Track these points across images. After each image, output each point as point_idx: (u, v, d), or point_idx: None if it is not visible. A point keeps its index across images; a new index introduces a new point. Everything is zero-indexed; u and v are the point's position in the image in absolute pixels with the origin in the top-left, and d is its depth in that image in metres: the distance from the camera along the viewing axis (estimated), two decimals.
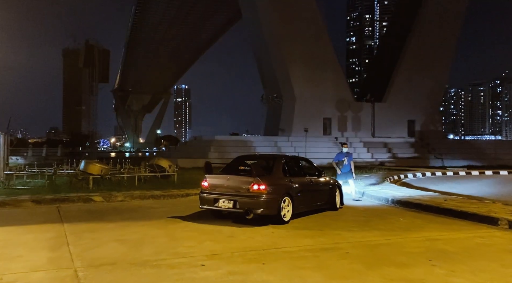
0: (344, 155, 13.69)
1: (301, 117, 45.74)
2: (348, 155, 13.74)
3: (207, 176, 9.73)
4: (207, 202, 9.54)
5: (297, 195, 9.76)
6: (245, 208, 8.92)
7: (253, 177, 9.02)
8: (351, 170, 13.68)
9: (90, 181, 15.20)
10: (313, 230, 8.63)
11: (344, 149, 13.90)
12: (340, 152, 13.96)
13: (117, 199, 13.11)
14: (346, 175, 13.55)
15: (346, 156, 13.65)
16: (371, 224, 9.46)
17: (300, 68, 45.23)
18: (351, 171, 13.72)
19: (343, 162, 13.60)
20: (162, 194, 13.88)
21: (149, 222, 9.48)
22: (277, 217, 9.13)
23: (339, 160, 13.68)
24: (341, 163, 13.57)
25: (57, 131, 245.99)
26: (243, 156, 10.75)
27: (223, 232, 8.36)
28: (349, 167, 13.63)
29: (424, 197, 12.90)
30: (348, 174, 13.61)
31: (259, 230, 8.57)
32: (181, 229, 8.76)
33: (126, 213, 10.81)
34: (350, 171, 13.70)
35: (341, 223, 9.57)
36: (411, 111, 49.44)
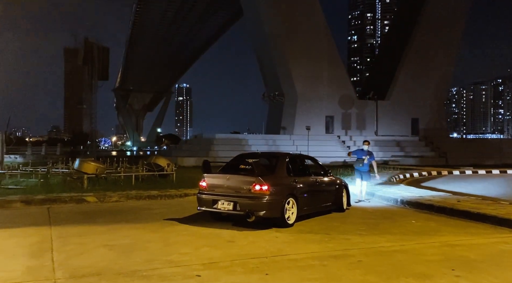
0: (365, 153, 12.81)
1: (303, 115, 45.07)
2: (369, 154, 12.86)
3: (205, 175, 9.08)
4: (205, 203, 8.89)
5: (302, 196, 9.11)
6: (246, 210, 8.26)
7: (255, 176, 8.36)
8: (369, 171, 12.85)
9: (84, 181, 14.55)
10: (320, 234, 7.97)
11: (364, 146, 13.02)
12: (361, 149, 13.10)
13: (111, 199, 12.47)
14: (363, 174, 12.72)
15: (367, 155, 12.78)
16: (381, 227, 8.80)
17: (302, 66, 44.52)
18: (369, 172, 12.87)
19: (363, 161, 12.70)
20: (159, 194, 13.23)
21: (143, 225, 8.84)
22: (281, 219, 8.49)
23: (359, 157, 12.82)
24: (361, 161, 12.69)
25: (58, 130, 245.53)
26: (244, 154, 10.08)
27: (222, 237, 7.71)
28: (367, 168, 12.76)
29: (435, 198, 12.24)
30: (366, 174, 12.74)
31: (262, 234, 7.91)
32: (177, 232, 8.11)
33: (119, 215, 10.17)
34: (369, 172, 12.85)
35: (349, 226, 8.91)
36: (415, 109, 48.69)
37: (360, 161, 12.73)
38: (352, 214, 10.50)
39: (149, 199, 12.87)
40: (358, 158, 12.81)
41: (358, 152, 13.06)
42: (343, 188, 10.84)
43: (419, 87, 48.52)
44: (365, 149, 12.96)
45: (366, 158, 12.68)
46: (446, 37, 48.83)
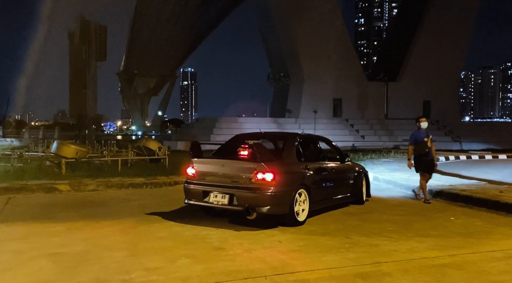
0: (424, 134, 9.25)
1: (309, 98, 43.08)
2: (430, 133, 9.46)
3: (194, 160, 7.20)
4: (194, 195, 7.04)
5: (315, 187, 7.25)
6: (246, 205, 6.41)
7: (257, 162, 6.48)
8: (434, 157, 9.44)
9: (62, 166, 12.74)
10: (337, 238, 6.10)
11: (422, 123, 9.34)
12: (418, 129, 9.43)
13: (87, 188, 10.65)
14: (428, 164, 9.26)
15: (427, 135, 9.28)
16: (415, 226, 6.92)
17: (309, 46, 42.30)
18: (433, 159, 9.42)
19: (427, 144, 9.14)
20: (145, 182, 11.41)
21: (113, 222, 7.02)
22: (289, 216, 6.65)
23: (417, 141, 9.26)
24: (425, 145, 9.12)
25: (64, 114, 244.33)
26: (244, 135, 8.17)
27: (210, 241, 5.86)
28: (432, 152, 9.35)
29: (470, 187, 10.34)
30: (431, 164, 9.28)
31: (262, 238, 6.05)
32: (153, 234, 6.28)
33: (90, 208, 8.37)
34: (433, 159, 9.40)
35: (373, 224, 7.03)
36: (427, 91, 46.48)
37: (423, 146, 9.14)
38: (373, 208, 8.62)
39: (133, 187, 11.06)
40: (418, 142, 9.25)
41: (416, 135, 9.38)
42: (363, 176, 8.95)
43: (431, 68, 46.23)
44: (424, 127, 9.32)
45: (429, 140, 9.20)
46: (459, 17, 46.29)
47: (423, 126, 9.36)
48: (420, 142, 9.20)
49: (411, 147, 9.38)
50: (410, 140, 9.44)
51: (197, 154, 7.21)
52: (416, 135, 9.35)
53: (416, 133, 9.43)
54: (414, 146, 9.30)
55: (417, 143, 9.25)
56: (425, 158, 9.21)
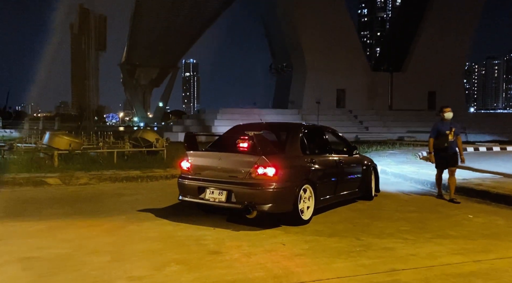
0: (447, 125, 8.26)
1: (312, 89, 42.33)
2: (453, 125, 8.31)
3: (188, 153, 6.59)
4: (189, 191, 6.44)
5: (322, 182, 6.63)
6: (245, 202, 5.80)
7: (257, 155, 5.86)
8: (458, 151, 8.37)
9: (54, 158, 12.16)
10: (347, 239, 5.50)
11: (447, 114, 8.33)
12: (440, 120, 8.46)
13: (79, 181, 10.08)
14: (450, 158, 8.28)
15: (450, 127, 8.24)
16: (431, 225, 6.31)
17: (312, 35, 41.47)
18: (457, 153, 8.37)
19: (448, 138, 8.19)
20: (141, 175, 10.83)
21: (101, 221, 6.44)
22: (293, 215, 6.04)
23: (439, 134, 8.27)
24: (445, 139, 8.15)
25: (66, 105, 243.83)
26: (244, 125, 7.52)
27: (204, 243, 5.27)
28: (455, 147, 8.35)
29: (485, 181, 9.71)
30: (453, 158, 8.28)
31: (263, 240, 5.45)
32: (142, 234, 5.69)
33: (79, 204, 7.78)
34: (457, 154, 8.36)
35: (385, 223, 6.42)
36: (432, 82, 45.66)
37: (442, 140, 8.20)
38: (383, 204, 8.01)
39: (127, 181, 10.48)
40: (439, 135, 8.31)
41: (438, 126, 8.39)
42: (372, 170, 8.33)
43: (436, 58, 45.39)
44: (448, 118, 8.34)
45: (452, 133, 8.19)
46: (465, 7, 45.34)
47: (447, 117, 8.33)
48: (442, 135, 8.23)
49: (431, 140, 8.42)
50: (431, 132, 8.48)
51: (192, 147, 6.60)
52: (439, 127, 8.36)
53: (439, 124, 8.44)
54: (434, 139, 8.37)
55: (438, 135, 8.29)
56: (444, 153, 8.23)
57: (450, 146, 8.22)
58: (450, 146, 8.22)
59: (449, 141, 8.18)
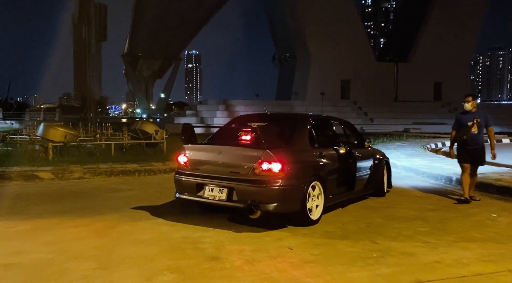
0: (469, 116, 7.27)
1: (316, 79, 41.68)
2: (479, 116, 7.26)
3: (186, 147, 6.03)
4: (187, 188, 5.89)
5: (331, 178, 6.08)
6: (248, 201, 5.25)
7: (261, 149, 5.30)
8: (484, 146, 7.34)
9: (49, 150, 11.65)
10: (361, 242, 4.95)
11: (466, 105, 7.33)
12: (463, 113, 7.50)
13: (73, 176, 9.56)
14: (474, 153, 7.30)
15: (474, 118, 7.22)
16: (452, 226, 5.75)
17: (317, 24, 40.69)
18: (484, 147, 7.33)
19: (468, 130, 7.21)
20: (138, 168, 10.30)
21: (92, 219, 5.92)
22: (301, 215, 5.50)
23: (460, 126, 7.35)
24: (465, 131, 7.21)
25: (69, 97, 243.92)
26: (246, 116, 6.96)
27: (203, 246, 4.73)
28: (481, 140, 7.29)
29: (504, 176, 9.16)
30: (479, 153, 7.30)
31: (267, 243, 4.91)
32: (135, 236, 5.16)
33: (70, 200, 7.27)
34: (483, 149, 7.34)
35: (401, 223, 5.86)
36: (438, 72, 44.90)
37: (463, 132, 7.24)
38: (396, 201, 7.45)
39: (124, 175, 9.96)
40: (460, 127, 7.37)
41: (459, 117, 7.49)
42: (384, 164, 7.77)
43: (443, 48, 44.57)
44: (468, 108, 7.33)
45: (476, 125, 7.18)
46: None
47: (466, 107, 7.36)
48: (463, 126, 7.30)
49: (453, 133, 7.52)
50: (454, 123, 7.59)
51: (190, 139, 6.04)
52: (459, 118, 7.51)
53: (460, 115, 7.57)
54: (456, 131, 7.46)
55: (460, 127, 7.39)
56: (468, 146, 7.29)
57: (473, 139, 7.21)
58: (473, 140, 7.21)
59: (471, 134, 7.18)
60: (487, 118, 7.36)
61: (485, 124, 7.31)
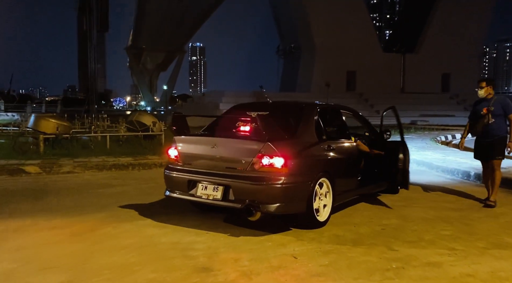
0: (484, 105, 6.26)
1: (321, 71, 40.84)
2: (494, 103, 6.18)
3: (177, 139, 5.36)
4: (178, 186, 5.23)
5: (341, 174, 5.41)
6: (246, 201, 4.58)
7: (262, 141, 4.62)
8: (507, 137, 6.14)
9: (40, 143, 11.02)
10: (377, 249, 4.28)
11: (479, 91, 6.33)
12: (477, 100, 6.56)
13: (62, 170, 8.93)
14: (490, 147, 6.24)
15: (491, 106, 6.15)
16: (478, 228, 5.06)
17: (322, 14, 39.80)
18: (504, 139, 6.16)
19: (482, 120, 6.22)
20: (132, 162, 9.66)
21: (72, 220, 5.29)
22: (307, 216, 4.84)
23: (475, 115, 6.39)
24: (479, 121, 6.25)
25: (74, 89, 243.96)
26: (246, 105, 6.26)
27: (193, 254, 4.08)
28: (500, 132, 6.18)
29: None
30: (496, 147, 6.20)
31: (268, 250, 4.25)
32: (117, 241, 4.52)
33: (53, 197, 6.64)
34: (503, 141, 6.17)
35: (420, 225, 5.19)
36: (446, 63, 43.94)
37: (477, 122, 6.31)
38: (412, 198, 6.76)
39: (117, 169, 9.33)
40: (474, 116, 6.43)
41: (474, 105, 6.59)
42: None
43: (451, 39, 43.59)
44: (482, 95, 6.34)
45: (489, 114, 6.14)
46: None
47: (480, 94, 6.36)
48: (477, 116, 6.34)
49: (468, 124, 6.63)
50: (470, 113, 6.70)
51: (181, 130, 5.36)
52: (473, 106, 6.56)
53: (475, 103, 6.60)
54: (470, 122, 6.56)
55: (474, 118, 6.43)
56: (481, 140, 6.34)
57: (487, 131, 6.20)
58: (487, 132, 6.20)
59: (482, 125, 6.21)
60: (506, 105, 6.20)
61: (504, 112, 6.17)
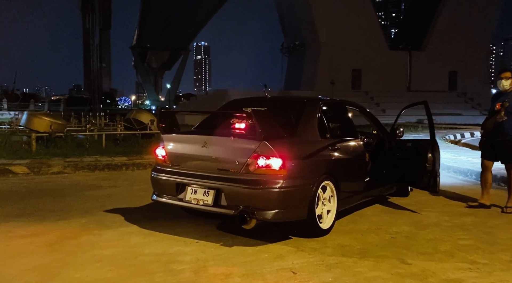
0: (501, 99, 5.60)
1: (326, 68, 40.27)
2: (510, 98, 5.51)
3: (165, 137, 4.85)
4: (165, 189, 4.72)
5: (346, 176, 4.90)
6: (239, 207, 4.07)
7: (257, 139, 4.12)
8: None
9: (32, 141, 10.58)
10: (387, 261, 3.77)
11: (503, 82, 5.58)
12: (497, 93, 5.94)
13: (51, 170, 8.47)
14: (499, 148, 5.60)
15: (507, 101, 5.47)
16: (500, 237, 4.54)
17: (327, 10, 39.21)
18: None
19: (496, 116, 5.52)
20: (126, 162, 9.19)
21: (51, 226, 4.83)
22: (308, 223, 4.34)
23: (492, 110, 5.70)
24: (494, 117, 5.56)
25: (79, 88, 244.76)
26: (242, 100, 5.73)
27: (178, 268, 3.59)
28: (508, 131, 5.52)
29: None
30: (505, 146, 5.54)
31: (264, 263, 3.75)
32: (96, 251, 4.03)
33: (35, 200, 6.17)
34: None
35: (435, 233, 4.66)
36: (454, 61, 43.22)
37: (492, 119, 5.59)
38: (424, 202, 6.24)
39: (109, 169, 8.86)
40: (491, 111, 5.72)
41: (492, 101, 5.83)
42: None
43: (458, 36, 42.86)
44: (505, 87, 5.60)
45: (504, 110, 5.45)
46: None
47: (502, 86, 5.62)
48: (492, 111, 5.66)
49: (487, 117, 5.82)
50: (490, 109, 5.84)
51: (171, 128, 4.86)
52: (492, 101, 5.80)
53: (494, 96, 5.89)
54: (489, 116, 5.75)
55: (492, 112, 5.70)
56: (493, 138, 5.64)
57: (499, 129, 5.51)
58: (499, 130, 5.51)
59: (494, 122, 5.52)
60: None
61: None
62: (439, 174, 5.58)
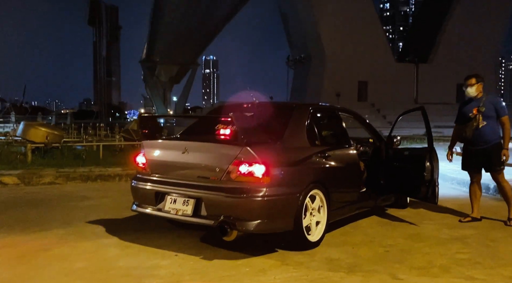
0: (473, 105, 5.30)
1: (332, 80, 40.10)
2: (484, 104, 5.20)
3: (145, 144, 4.63)
4: (144, 199, 4.48)
5: (337, 185, 4.63)
6: (220, 217, 3.81)
7: (239, 145, 3.87)
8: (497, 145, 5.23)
9: (28, 152, 10.43)
10: (377, 276, 3.50)
11: (469, 89, 5.36)
12: (465, 100, 5.58)
13: (42, 180, 8.29)
14: (481, 155, 5.29)
15: (482, 106, 5.19)
16: (502, 251, 4.25)
17: (333, 23, 39.18)
18: (500, 146, 5.21)
19: (471, 124, 5.24)
20: (120, 172, 8.98)
21: (28, 237, 4.62)
22: (295, 235, 4.07)
23: (463, 119, 5.41)
24: (468, 125, 5.29)
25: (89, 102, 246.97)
26: (229, 106, 5.48)
27: None
28: (493, 136, 5.22)
29: None
30: (486, 153, 5.25)
31: (245, 277, 3.48)
32: (67, 264, 3.80)
33: (20, 211, 5.98)
34: (498, 148, 5.21)
35: (432, 247, 4.37)
36: (461, 73, 42.72)
37: (466, 127, 5.32)
38: (423, 214, 5.94)
39: (102, 180, 8.66)
40: (462, 119, 5.44)
41: (461, 108, 5.50)
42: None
43: (466, 49, 42.55)
44: (471, 93, 5.36)
45: (480, 115, 5.17)
46: None
47: (468, 93, 5.37)
48: (465, 119, 5.36)
49: (456, 127, 5.62)
50: (457, 116, 5.62)
51: (150, 134, 4.63)
52: (461, 109, 5.50)
53: (462, 104, 5.56)
54: (457, 126, 5.57)
55: (462, 121, 5.43)
56: (472, 147, 5.34)
57: (478, 136, 5.22)
58: (478, 137, 5.23)
59: (472, 129, 5.21)
60: (497, 105, 5.24)
61: (497, 113, 5.22)
62: (438, 184, 5.29)
